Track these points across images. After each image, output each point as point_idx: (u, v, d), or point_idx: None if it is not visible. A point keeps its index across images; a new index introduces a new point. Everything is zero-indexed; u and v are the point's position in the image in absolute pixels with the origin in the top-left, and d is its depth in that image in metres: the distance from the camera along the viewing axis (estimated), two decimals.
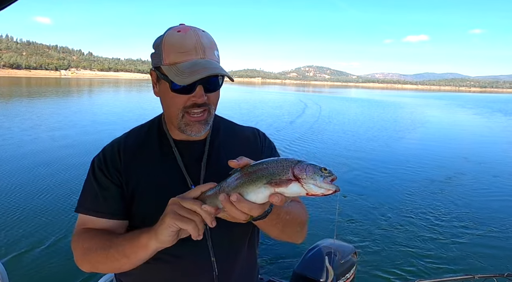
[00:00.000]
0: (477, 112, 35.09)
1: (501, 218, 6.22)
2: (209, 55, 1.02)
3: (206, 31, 1.07)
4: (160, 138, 1.17)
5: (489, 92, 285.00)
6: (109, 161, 1.13)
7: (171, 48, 1.01)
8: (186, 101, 1.04)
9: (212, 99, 1.07)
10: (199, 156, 1.16)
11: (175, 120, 1.08)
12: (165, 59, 1.02)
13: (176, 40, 1.01)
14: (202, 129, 1.08)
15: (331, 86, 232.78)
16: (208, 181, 1.09)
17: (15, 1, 0.87)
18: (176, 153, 1.14)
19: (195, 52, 1.00)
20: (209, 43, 1.04)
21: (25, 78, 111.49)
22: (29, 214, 5.55)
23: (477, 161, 11.20)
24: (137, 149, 1.15)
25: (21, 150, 10.23)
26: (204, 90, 1.03)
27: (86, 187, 1.14)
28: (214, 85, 1.06)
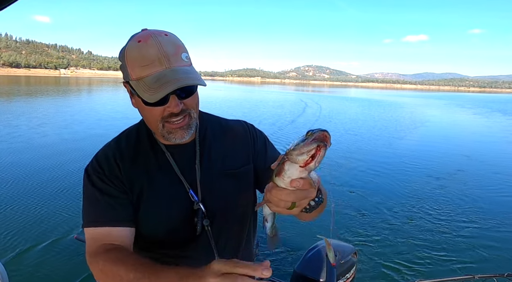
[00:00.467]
0: (477, 112, 35.10)
1: (501, 218, 6.21)
2: (175, 62, 0.97)
3: (170, 34, 1.01)
4: (151, 144, 1.15)
5: (488, 92, 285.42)
6: (106, 169, 1.10)
7: (134, 63, 0.97)
8: (163, 112, 1.01)
9: (189, 104, 1.04)
10: (191, 158, 1.16)
11: (157, 131, 1.07)
12: (131, 74, 0.99)
13: (137, 53, 0.96)
14: (186, 135, 1.06)
15: (331, 86, 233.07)
16: (205, 181, 1.15)
17: (15, 1, 0.87)
18: (169, 158, 1.13)
19: (158, 63, 0.95)
20: (173, 49, 0.98)
21: (24, 77, 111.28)
22: (30, 214, 5.50)
23: (477, 160, 11.22)
24: (133, 156, 1.13)
25: (29, 146, 10.29)
26: (178, 98, 1.00)
27: (90, 199, 1.08)
28: (188, 91, 1.02)
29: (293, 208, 0.77)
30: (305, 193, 0.75)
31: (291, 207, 0.77)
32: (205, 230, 1.14)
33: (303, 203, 0.77)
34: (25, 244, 4.60)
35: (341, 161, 10.18)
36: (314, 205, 0.87)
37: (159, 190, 1.11)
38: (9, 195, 6.26)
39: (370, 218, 5.96)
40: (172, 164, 1.13)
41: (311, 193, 0.76)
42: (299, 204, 0.77)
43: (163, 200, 1.11)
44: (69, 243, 4.63)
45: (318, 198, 0.88)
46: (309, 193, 0.75)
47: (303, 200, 0.76)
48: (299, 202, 0.76)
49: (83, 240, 2.27)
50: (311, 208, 0.87)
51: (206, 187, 1.14)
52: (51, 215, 5.53)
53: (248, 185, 1.24)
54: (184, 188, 1.12)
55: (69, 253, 4.41)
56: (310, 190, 0.75)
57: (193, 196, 1.12)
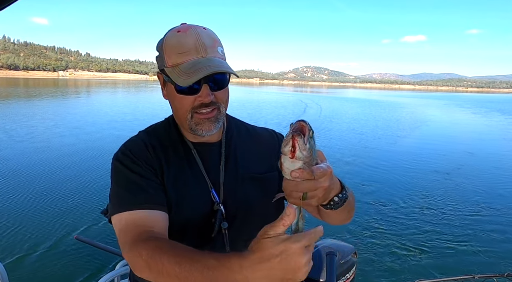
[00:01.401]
0: (476, 112, 35.51)
1: (501, 218, 6.24)
2: (211, 52, 1.00)
3: (208, 29, 1.05)
4: (180, 140, 1.15)
5: (486, 93, 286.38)
6: (138, 153, 1.07)
7: (171, 50, 1.01)
8: (193, 102, 1.02)
9: (220, 97, 1.05)
10: (216, 159, 1.15)
11: (185, 122, 1.06)
12: (167, 61, 1.02)
13: (176, 41, 1.00)
14: (213, 127, 1.05)
15: (329, 87, 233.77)
16: (228, 183, 1.13)
17: (15, 1, 0.87)
18: (195, 155, 1.13)
19: (195, 52, 0.99)
20: (210, 40, 1.02)
21: (23, 79, 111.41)
22: (30, 215, 5.53)
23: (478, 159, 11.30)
24: (164, 149, 1.12)
25: (49, 145, 10.57)
26: (210, 89, 1.01)
27: (122, 183, 1.03)
28: (221, 83, 1.04)
29: (305, 198, 0.77)
30: (312, 183, 0.74)
31: (304, 197, 0.77)
32: (221, 233, 1.11)
33: (317, 193, 0.77)
34: (25, 244, 4.63)
35: (341, 160, 10.22)
36: (337, 201, 0.87)
37: (183, 185, 1.10)
38: (10, 195, 6.28)
39: (371, 218, 5.97)
40: (198, 161, 1.12)
41: (321, 183, 0.76)
42: (312, 195, 0.77)
43: (185, 195, 1.09)
44: (69, 243, 4.63)
45: (342, 194, 0.88)
46: (318, 183, 0.75)
47: (315, 191, 0.76)
48: (311, 193, 0.76)
49: (83, 240, 2.27)
50: (335, 204, 0.88)
51: (228, 189, 1.13)
52: (51, 215, 5.54)
53: (272, 192, 1.17)
54: (207, 187, 1.11)
55: (69, 254, 4.42)
56: (320, 180, 0.75)
57: (215, 196, 1.10)
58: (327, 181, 0.77)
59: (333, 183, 0.82)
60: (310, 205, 0.79)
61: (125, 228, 0.95)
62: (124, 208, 0.98)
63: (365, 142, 13.85)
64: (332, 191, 0.84)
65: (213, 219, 1.09)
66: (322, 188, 0.77)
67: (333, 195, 0.86)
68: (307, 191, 0.76)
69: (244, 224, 1.14)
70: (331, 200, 0.87)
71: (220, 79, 1.03)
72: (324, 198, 0.81)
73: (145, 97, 41.38)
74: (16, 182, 7.08)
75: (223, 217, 1.10)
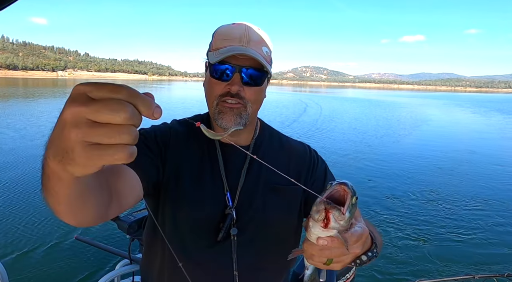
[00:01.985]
0: (475, 111, 35.68)
1: (501, 218, 6.23)
2: (253, 46, 1.01)
3: (262, 31, 1.07)
4: (207, 137, 1.14)
5: (484, 92, 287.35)
6: (159, 133, 1.09)
7: (219, 36, 1.04)
8: (222, 89, 1.02)
9: (249, 94, 1.02)
10: (240, 163, 1.13)
11: (211, 109, 1.06)
12: (212, 46, 1.05)
13: (225, 30, 1.04)
14: (233, 121, 1.02)
15: (328, 87, 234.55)
16: (246, 190, 1.10)
17: (15, 1, 0.87)
18: (219, 156, 1.11)
19: (238, 41, 1.00)
20: (257, 37, 1.03)
21: (22, 79, 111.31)
22: (30, 214, 5.50)
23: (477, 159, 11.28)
24: (186, 140, 1.12)
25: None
26: (242, 81, 1.01)
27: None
28: (254, 79, 1.02)
29: (330, 263, 0.68)
30: (341, 250, 0.65)
31: (328, 262, 0.68)
32: (230, 239, 1.07)
33: (344, 260, 0.69)
34: (25, 244, 4.60)
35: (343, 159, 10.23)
36: (365, 260, 0.77)
37: (198, 182, 1.08)
38: (10, 195, 6.26)
39: (371, 217, 5.95)
40: (220, 161, 1.10)
41: (352, 249, 0.67)
42: (339, 260, 0.69)
43: (199, 193, 1.07)
44: (69, 243, 4.61)
45: (372, 252, 0.78)
46: (350, 249, 0.66)
47: (344, 256, 0.68)
48: (337, 258, 0.68)
49: (83, 240, 2.27)
50: (361, 263, 0.77)
51: (246, 195, 1.10)
52: (51, 215, 5.48)
53: (292, 206, 1.16)
54: (223, 189, 1.08)
55: (69, 254, 4.40)
56: (353, 247, 0.67)
57: (229, 200, 1.08)
58: (359, 247, 0.69)
59: (365, 245, 0.74)
60: (333, 269, 0.71)
61: None
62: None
63: (367, 140, 13.91)
64: (360, 250, 0.74)
65: (221, 223, 1.06)
66: (352, 254, 0.69)
67: (360, 252, 0.75)
68: (333, 257, 0.67)
69: (256, 234, 1.10)
70: (358, 258, 0.76)
71: (255, 76, 1.02)
72: (348, 263, 0.73)
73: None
74: (16, 182, 7.05)
75: (233, 222, 1.07)
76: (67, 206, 0.60)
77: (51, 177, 0.53)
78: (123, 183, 0.86)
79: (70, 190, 0.55)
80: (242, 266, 1.08)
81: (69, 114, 0.43)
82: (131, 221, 1.94)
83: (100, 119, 0.42)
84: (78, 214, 0.64)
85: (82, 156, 0.43)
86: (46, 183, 0.55)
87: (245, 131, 1.13)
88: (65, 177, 0.50)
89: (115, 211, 0.80)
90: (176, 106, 25.88)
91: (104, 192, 0.71)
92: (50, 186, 0.55)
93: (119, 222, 1.96)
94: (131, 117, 0.42)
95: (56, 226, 5.12)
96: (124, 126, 0.42)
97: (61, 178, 0.51)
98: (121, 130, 0.42)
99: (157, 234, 1.09)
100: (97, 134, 0.42)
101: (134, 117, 0.43)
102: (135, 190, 0.91)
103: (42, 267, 4.12)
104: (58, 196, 0.56)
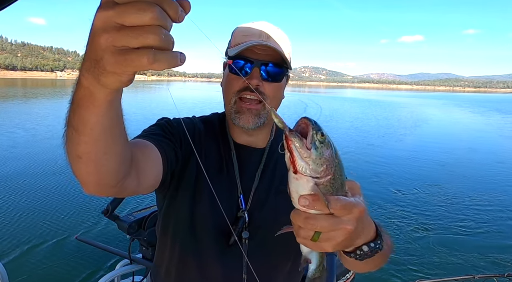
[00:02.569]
0: (475, 111, 35.79)
1: (501, 218, 6.20)
2: (273, 41, 1.01)
3: (281, 30, 1.07)
4: (222, 138, 1.13)
5: (483, 92, 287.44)
6: (182, 126, 1.05)
7: (239, 33, 1.05)
8: (241, 84, 1.00)
9: (269, 89, 1.01)
10: (255, 165, 1.11)
11: (228, 107, 1.05)
12: (232, 42, 1.05)
13: (245, 27, 1.05)
14: (252, 121, 1.01)
15: (327, 87, 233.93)
16: (260, 193, 1.08)
17: (15, 1, 0.86)
18: (233, 157, 1.10)
19: (258, 36, 1.01)
20: (277, 35, 1.03)
21: (21, 80, 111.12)
22: (31, 215, 5.48)
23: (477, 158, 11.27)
24: (205, 139, 1.11)
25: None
26: (262, 78, 1.00)
27: (148, 129, 1.03)
28: (273, 74, 1.01)
29: (316, 240, 0.58)
30: (330, 221, 0.56)
31: (314, 238, 0.58)
32: (241, 242, 1.04)
33: (334, 236, 0.58)
34: (26, 244, 4.59)
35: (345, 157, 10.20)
36: (367, 251, 0.66)
37: (215, 182, 1.02)
38: (10, 195, 6.25)
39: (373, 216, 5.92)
40: (234, 163, 1.09)
41: (343, 223, 0.57)
42: (328, 237, 0.58)
43: (211, 195, 1.02)
44: (70, 243, 4.60)
45: (375, 242, 0.67)
46: (338, 223, 0.57)
47: (332, 232, 0.57)
48: (326, 234, 0.57)
49: (83, 240, 2.26)
50: (363, 254, 0.66)
51: (259, 198, 1.08)
52: (52, 215, 5.51)
53: None
54: (236, 192, 1.06)
55: (70, 254, 4.39)
56: (344, 219, 0.57)
57: (242, 202, 1.06)
58: (352, 222, 0.58)
59: (363, 226, 0.63)
60: (323, 249, 0.60)
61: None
62: (135, 137, 0.94)
63: (369, 139, 13.92)
64: (360, 236, 0.64)
65: (233, 225, 1.03)
66: (343, 230, 0.57)
67: (361, 242, 0.66)
68: (321, 230, 0.57)
69: (266, 238, 1.06)
70: (358, 248, 0.66)
71: (274, 71, 1.01)
72: (345, 245, 0.61)
73: (143, 96, 41.32)
74: (17, 181, 7.02)
75: (245, 225, 1.04)
76: (92, 144, 0.59)
77: (84, 99, 0.52)
78: (147, 158, 0.86)
79: (100, 116, 0.54)
80: (251, 270, 1.04)
81: (98, 21, 0.44)
82: (131, 221, 1.94)
83: (128, 21, 0.42)
84: (99, 162, 0.62)
85: (112, 62, 0.44)
86: (75, 111, 0.55)
87: (263, 132, 1.12)
88: (99, 94, 0.51)
89: (133, 184, 0.77)
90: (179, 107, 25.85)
91: (127, 152, 0.69)
92: (79, 114, 0.55)
93: (119, 222, 1.95)
94: (158, 18, 0.42)
95: (57, 226, 5.13)
96: (151, 27, 0.42)
97: (95, 96, 0.51)
98: (148, 30, 0.42)
99: (167, 233, 1.09)
100: (125, 37, 0.42)
101: (161, 17, 0.42)
102: (155, 169, 0.90)
103: (42, 267, 4.12)
104: (85, 127, 0.56)
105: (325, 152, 0.55)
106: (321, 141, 0.55)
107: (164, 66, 0.44)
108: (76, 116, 0.55)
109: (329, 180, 0.56)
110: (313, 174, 0.55)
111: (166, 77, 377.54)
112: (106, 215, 1.93)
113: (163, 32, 0.43)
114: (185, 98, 36.84)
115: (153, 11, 0.41)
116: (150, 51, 0.43)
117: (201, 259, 1.06)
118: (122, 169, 0.69)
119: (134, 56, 0.43)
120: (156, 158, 0.91)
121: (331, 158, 0.56)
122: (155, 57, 0.43)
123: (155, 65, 0.43)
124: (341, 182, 0.58)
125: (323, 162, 0.55)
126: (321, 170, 0.55)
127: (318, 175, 0.55)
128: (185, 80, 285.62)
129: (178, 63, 0.46)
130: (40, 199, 6.13)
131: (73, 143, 0.59)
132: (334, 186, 0.57)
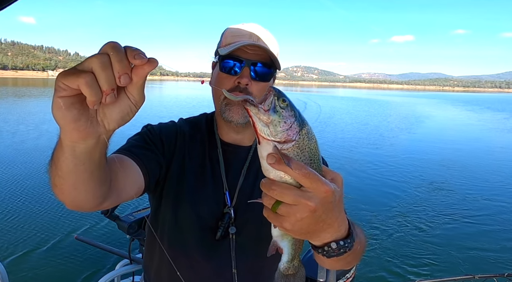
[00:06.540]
0: (469, 109, 36.92)
1: (501, 218, 6.22)
2: (262, 42, 1.05)
3: (270, 33, 1.11)
4: (209, 137, 1.17)
5: (472, 92, 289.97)
6: (165, 132, 1.11)
7: (229, 33, 1.09)
8: (231, 84, 1.04)
9: (256, 90, 1.05)
10: (241, 162, 1.15)
11: (218, 104, 1.09)
12: (222, 42, 1.09)
13: (235, 28, 1.09)
14: (241, 114, 1.04)
15: (319, 86, 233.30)
16: (245, 189, 1.12)
17: (15, 1, 0.87)
18: (220, 155, 1.13)
19: (248, 37, 1.05)
20: (266, 36, 1.08)
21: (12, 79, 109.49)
22: (31, 215, 5.47)
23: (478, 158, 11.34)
24: (191, 139, 1.15)
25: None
26: (251, 77, 1.03)
27: (131, 140, 1.06)
28: (262, 74, 1.05)
29: (275, 209, 0.56)
30: (295, 192, 0.54)
31: (274, 207, 0.56)
32: (228, 238, 1.08)
33: (293, 212, 0.55)
34: (26, 244, 4.59)
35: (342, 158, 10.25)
36: (335, 248, 0.63)
37: (198, 181, 1.09)
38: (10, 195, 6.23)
39: (371, 217, 5.92)
40: (220, 161, 1.12)
41: (304, 196, 0.54)
42: (287, 211, 0.55)
43: (198, 191, 1.08)
44: (70, 243, 4.60)
45: (345, 241, 0.64)
46: (298, 194, 0.54)
47: (293, 207, 0.55)
48: (285, 207, 0.55)
49: (83, 240, 2.25)
50: (330, 251, 0.63)
51: (245, 195, 1.11)
52: (52, 215, 5.49)
53: None
54: (222, 189, 1.10)
55: (69, 254, 4.40)
56: (305, 193, 0.54)
57: (228, 199, 1.09)
58: (316, 200, 0.54)
59: (330, 214, 0.58)
60: (282, 225, 0.57)
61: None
62: (118, 150, 0.99)
63: (370, 137, 13.98)
64: (326, 228, 0.60)
65: (220, 221, 1.07)
66: (304, 206, 0.54)
67: (330, 236, 0.63)
68: (279, 198, 0.55)
69: (254, 233, 1.10)
70: (326, 245, 0.63)
71: (262, 72, 1.05)
72: (307, 229, 0.58)
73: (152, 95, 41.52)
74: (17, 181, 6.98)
75: (231, 221, 1.08)
76: (64, 178, 0.65)
77: (57, 145, 0.61)
78: (126, 176, 0.88)
79: (66, 158, 0.60)
80: (241, 264, 1.10)
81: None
82: (131, 221, 1.93)
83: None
84: (70, 194, 0.68)
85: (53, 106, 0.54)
86: (56, 148, 0.63)
87: (250, 130, 1.13)
88: (64, 141, 0.58)
89: (112, 200, 0.80)
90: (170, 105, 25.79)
91: (103, 174, 0.70)
92: (56, 151, 0.63)
93: (119, 222, 1.95)
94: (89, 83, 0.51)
95: (57, 226, 5.13)
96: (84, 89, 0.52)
97: (61, 144, 0.59)
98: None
99: (156, 231, 1.13)
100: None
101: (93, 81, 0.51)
102: (136, 185, 0.93)
103: (42, 267, 4.11)
104: (58, 163, 0.63)
105: (286, 117, 0.54)
106: (282, 106, 0.55)
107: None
108: (55, 152, 0.63)
109: (293, 147, 0.54)
110: (272, 137, 0.54)
111: (159, 77, 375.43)
112: (106, 215, 1.93)
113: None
114: (178, 97, 36.86)
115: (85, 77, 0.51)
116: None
117: (190, 257, 1.09)
118: (99, 193, 0.72)
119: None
120: (136, 173, 0.94)
121: (293, 124, 0.54)
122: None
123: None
124: (310, 157, 0.56)
125: (282, 126, 0.54)
126: (281, 133, 0.53)
127: (279, 138, 0.54)
128: (178, 80, 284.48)
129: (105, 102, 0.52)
130: (40, 199, 6.09)
131: (51, 173, 0.67)
132: (301, 158, 0.55)
